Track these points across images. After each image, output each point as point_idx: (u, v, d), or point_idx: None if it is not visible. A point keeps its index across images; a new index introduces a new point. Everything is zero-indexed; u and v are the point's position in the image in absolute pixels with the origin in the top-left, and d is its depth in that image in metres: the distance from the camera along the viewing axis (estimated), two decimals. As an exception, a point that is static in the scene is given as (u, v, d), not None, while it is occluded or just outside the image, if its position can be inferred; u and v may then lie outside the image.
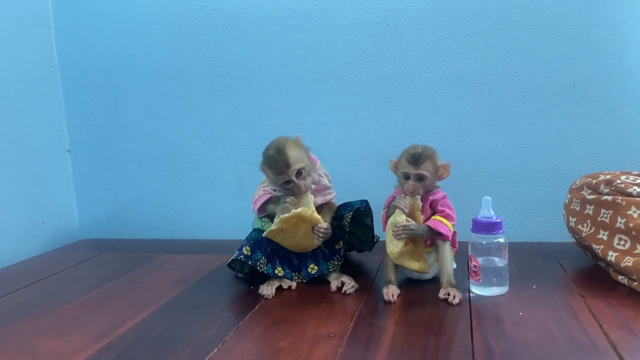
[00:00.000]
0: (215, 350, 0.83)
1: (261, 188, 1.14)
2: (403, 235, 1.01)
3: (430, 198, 1.07)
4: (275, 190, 1.12)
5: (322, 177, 1.16)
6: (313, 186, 1.12)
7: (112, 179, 1.67)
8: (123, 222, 1.68)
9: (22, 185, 1.52)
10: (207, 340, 0.87)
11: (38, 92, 1.60)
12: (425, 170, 1.04)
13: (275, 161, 1.05)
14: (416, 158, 1.03)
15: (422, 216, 1.05)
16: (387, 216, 1.06)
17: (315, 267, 1.13)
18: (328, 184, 1.17)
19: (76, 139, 1.69)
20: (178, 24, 1.57)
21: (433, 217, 1.05)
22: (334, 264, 1.14)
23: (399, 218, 1.02)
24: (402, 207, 1.02)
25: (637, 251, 1.01)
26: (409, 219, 1.02)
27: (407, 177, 1.05)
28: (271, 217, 1.12)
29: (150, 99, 1.62)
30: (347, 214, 1.16)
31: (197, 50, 1.57)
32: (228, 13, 1.53)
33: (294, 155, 1.05)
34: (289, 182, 1.06)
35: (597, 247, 1.08)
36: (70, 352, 0.85)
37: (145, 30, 1.59)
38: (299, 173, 1.06)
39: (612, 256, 1.04)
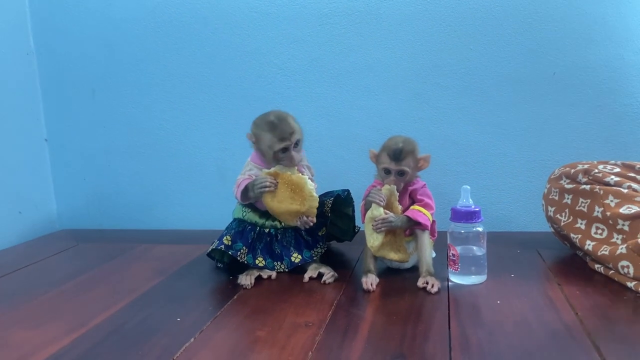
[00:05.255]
0: (192, 340, 0.82)
1: (246, 172, 1.13)
2: (382, 228, 1.02)
3: (410, 188, 1.07)
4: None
5: (305, 168, 1.16)
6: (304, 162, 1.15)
7: (91, 168, 1.65)
8: (101, 212, 1.66)
9: (-3, 175, 1.50)
10: (184, 330, 0.86)
11: (14, 80, 1.56)
12: (406, 166, 1.04)
13: (278, 126, 1.06)
14: (397, 154, 1.03)
15: (400, 206, 1.05)
16: (366, 208, 1.06)
17: (299, 256, 1.13)
18: (310, 176, 1.17)
19: (53, 128, 1.66)
20: (157, 11, 1.54)
21: (412, 207, 1.05)
22: (317, 252, 1.14)
23: (377, 212, 1.02)
24: (377, 201, 1.02)
25: (613, 240, 1.02)
26: (387, 211, 1.02)
27: (388, 172, 1.05)
28: (252, 205, 1.14)
29: (129, 87, 1.59)
30: (328, 200, 1.15)
31: (176, 37, 1.54)
32: (208, 0, 1.51)
33: (297, 126, 1.09)
34: (286, 149, 1.07)
35: (575, 236, 1.08)
36: (43, 343, 0.84)
37: (124, 17, 1.56)
38: (297, 143, 1.08)
39: (589, 245, 1.05)
